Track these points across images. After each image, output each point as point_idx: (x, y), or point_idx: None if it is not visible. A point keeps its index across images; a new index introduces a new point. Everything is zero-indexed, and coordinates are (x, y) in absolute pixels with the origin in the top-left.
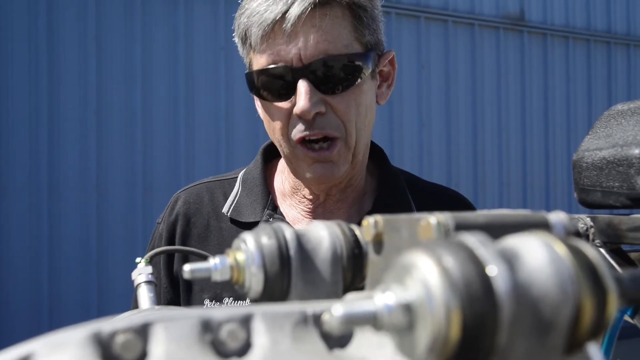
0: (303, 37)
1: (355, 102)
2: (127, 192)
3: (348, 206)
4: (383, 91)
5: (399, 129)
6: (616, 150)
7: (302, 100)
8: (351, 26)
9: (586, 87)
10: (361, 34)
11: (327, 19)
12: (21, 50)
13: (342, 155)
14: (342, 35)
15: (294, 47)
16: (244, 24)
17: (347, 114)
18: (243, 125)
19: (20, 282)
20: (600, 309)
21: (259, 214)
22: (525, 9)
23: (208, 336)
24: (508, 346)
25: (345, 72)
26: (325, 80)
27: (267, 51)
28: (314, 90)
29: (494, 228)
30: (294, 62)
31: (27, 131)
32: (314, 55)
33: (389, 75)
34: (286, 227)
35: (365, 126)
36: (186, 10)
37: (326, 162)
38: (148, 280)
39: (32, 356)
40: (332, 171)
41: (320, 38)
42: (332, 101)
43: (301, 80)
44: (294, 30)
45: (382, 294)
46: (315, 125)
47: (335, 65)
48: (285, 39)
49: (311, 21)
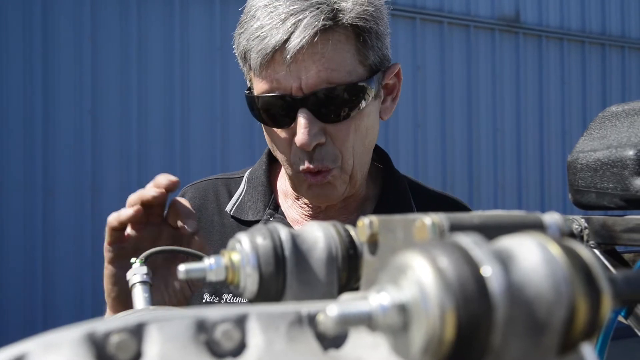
0: (304, 67)
1: (355, 126)
2: (122, 192)
3: (349, 213)
4: (387, 105)
5: (394, 130)
6: (610, 152)
7: (301, 134)
8: (355, 49)
9: (581, 89)
10: (365, 57)
11: (329, 45)
12: (16, 50)
13: (338, 179)
14: (346, 60)
15: (294, 76)
16: (243, 46)
17: (345, 143)
18: (238, 126)
19: (14, 282)
20: (594, 309)
21: (261, 212)
22: (520, 11)
23: (203, 336)
24: (502, 346)
25: (347, 100)
26: (326, 108)
27: (267, 77)
28: (314, 121)
29: (488, 229)
30: (293, 91)
31: (21, 130)
32: (316, 85)
33: (394, 87)
34: (281, 227)
35: (364, 148)
36: (182, 11)
37: (325, 185)
38: (143, 281)
39: (26, 356)
40: (329, 193)
41: (322, 67)
42: (332, 129)
43: (301, 110)
44: (295, 60)
45: (377, 295)
46: (315, 157)
47: (337, 94)
48: (285, 68)
49: (312, 49)
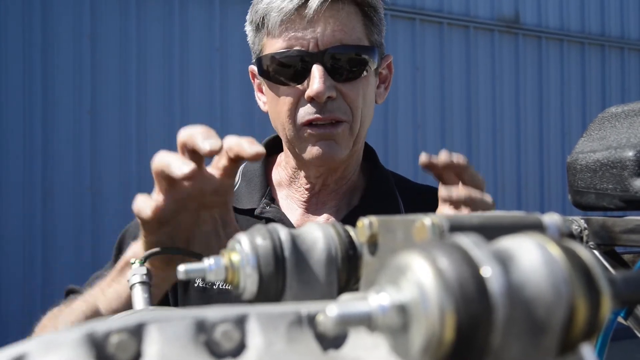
0: (321, 25)
1: (363, 91)
2: (121, 193)
3: (339, 198)
4: (381, 92)
5: (393, 130)
6: (610, 153)
7: (316, 83)
8: (362, 23)
9: (580, 90)
10: (370, 32)
11: (343, 12)
12: (15, 50)
13: (345, 137)
14: (355, 28)
15: (312, 33)
16: (263, 9)
17: (355, 101)
18: (238, 126)
19: (13, 284)
20: (593, 310)
21: (257, 202)
22: (520, 12)
23: (202, 337)
24: (502, 347)
25: (355, 63)
26: (338, 67)
27: (284, 35)
28: (327, 76)
29: (488, 229)
30: (310, 47)
31: (21, 130)
32: (330, 42)
33: (386, 78)
34: (281, 228)
35: (368, 116)
36: (181, 12)
37: (330, 139)
38: (142, 281)
39: (25, 356)
40: (334, 151)
41: (337, 27)
42: (343, 88)
43: (316, 64)
44: (314, 17)
45: (377, 295)
46: (325, 110)
47: (347, 55)
48: (304, 24)
49: (330, 11)
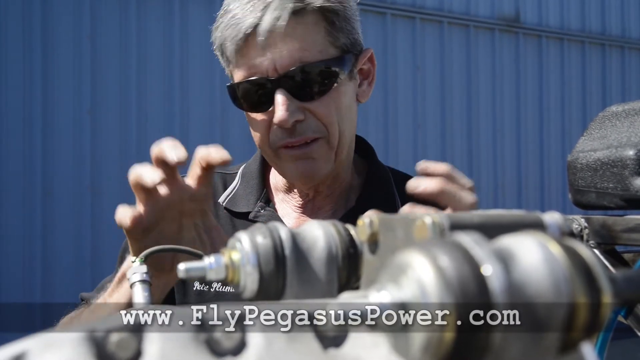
0: (276, 48)
1: (335, 104)
2: (121, 193)
3: (334, 201)
4: (364, 89)
5: (394, 130)
6: (610, 152)
7: (279, 111)
8: (325, 31)
9: (581, 89)
10: (335, 38)
11: (299, 27)
12: (15, 50)
13: (323, 153)
14: (317, 41)
15: (268, 58)
16: (219, 38)
17: (328, 116)
18: (238, 125)
19: (14, 284)
20: (594, 309)
21: (252, 205)
22: (520, 11)
23: (203, 335)
24: (502, 346)
25: (322, 78)
26: (302, 87)
27: (243, 64)
28: (291, 99)
29: (489, 228)
30: (269, 73)
31: (20, 130)
32: (289, 64)
33: (369, 72)
34: (281, 226)
35: (348, 123)
36: (181, 11)
37: (307, 159)
38: (143, 280)
39: (25, 354)
40: (314, 168)
41: (294, 47)
42: (311, 107)
43: (278, 90)
44: (267, 41)
45: (377, 294)
46: (295, 133)
47: (311, 72)
48: (259, 51)
49: (284, 31)
